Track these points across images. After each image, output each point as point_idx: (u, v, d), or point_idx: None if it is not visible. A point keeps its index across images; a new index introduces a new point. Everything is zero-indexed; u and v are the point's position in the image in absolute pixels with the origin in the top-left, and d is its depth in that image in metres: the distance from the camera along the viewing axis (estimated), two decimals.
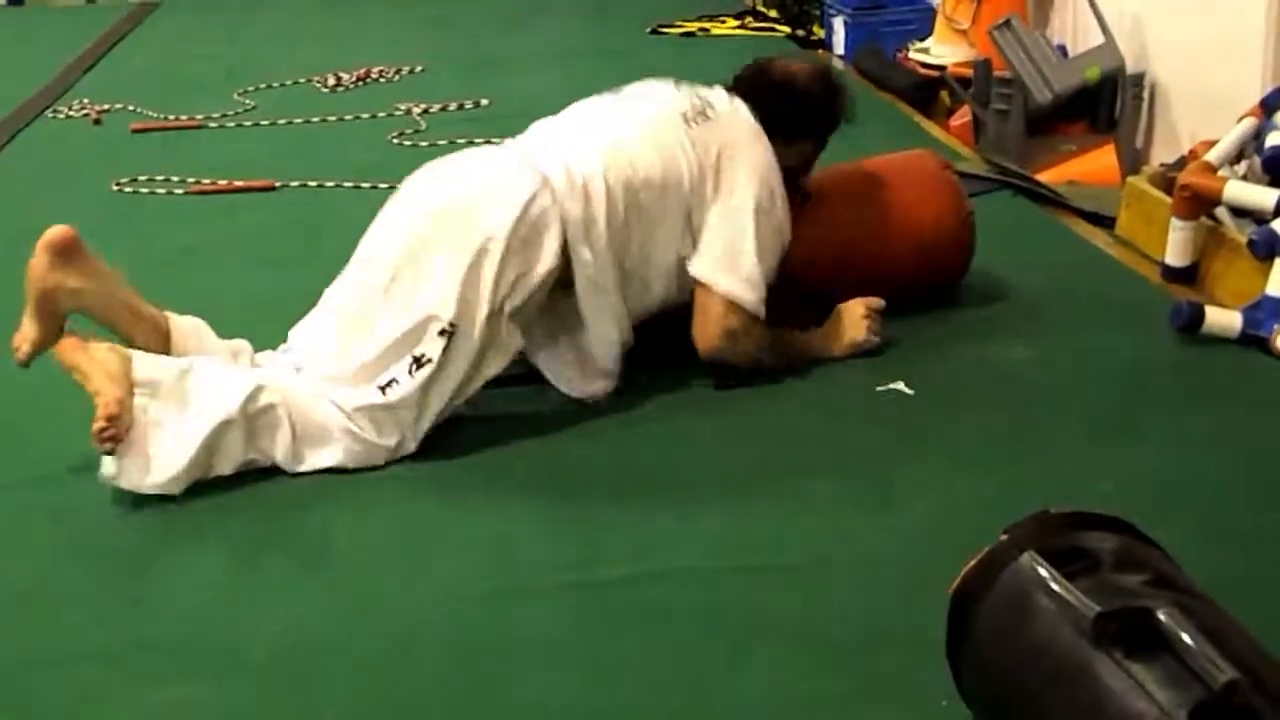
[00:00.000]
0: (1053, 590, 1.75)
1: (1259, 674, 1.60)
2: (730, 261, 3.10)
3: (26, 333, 2.95)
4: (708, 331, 3.11)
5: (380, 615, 2.36)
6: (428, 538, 2.61)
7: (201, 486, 2.78)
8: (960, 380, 3.17)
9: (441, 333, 2.85)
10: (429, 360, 2.84)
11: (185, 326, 3.06)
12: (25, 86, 6.47)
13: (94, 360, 2.78)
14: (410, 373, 2.85)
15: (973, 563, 1.89)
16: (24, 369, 2.96)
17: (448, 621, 2.33)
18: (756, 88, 3.34)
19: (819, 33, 7.00)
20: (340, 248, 3.26)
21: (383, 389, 2.85)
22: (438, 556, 2.54)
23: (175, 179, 4.88)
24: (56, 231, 2.99)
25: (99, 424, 2.67)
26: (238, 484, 2.80)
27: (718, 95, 3.28)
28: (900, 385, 3.11)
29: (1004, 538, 1.89)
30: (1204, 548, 2.27)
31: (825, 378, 3.19)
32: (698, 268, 3.12)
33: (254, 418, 2.80)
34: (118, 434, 2.69)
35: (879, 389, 3.11)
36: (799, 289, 3.35)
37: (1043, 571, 1.78)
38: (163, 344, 2.99)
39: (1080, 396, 3.09)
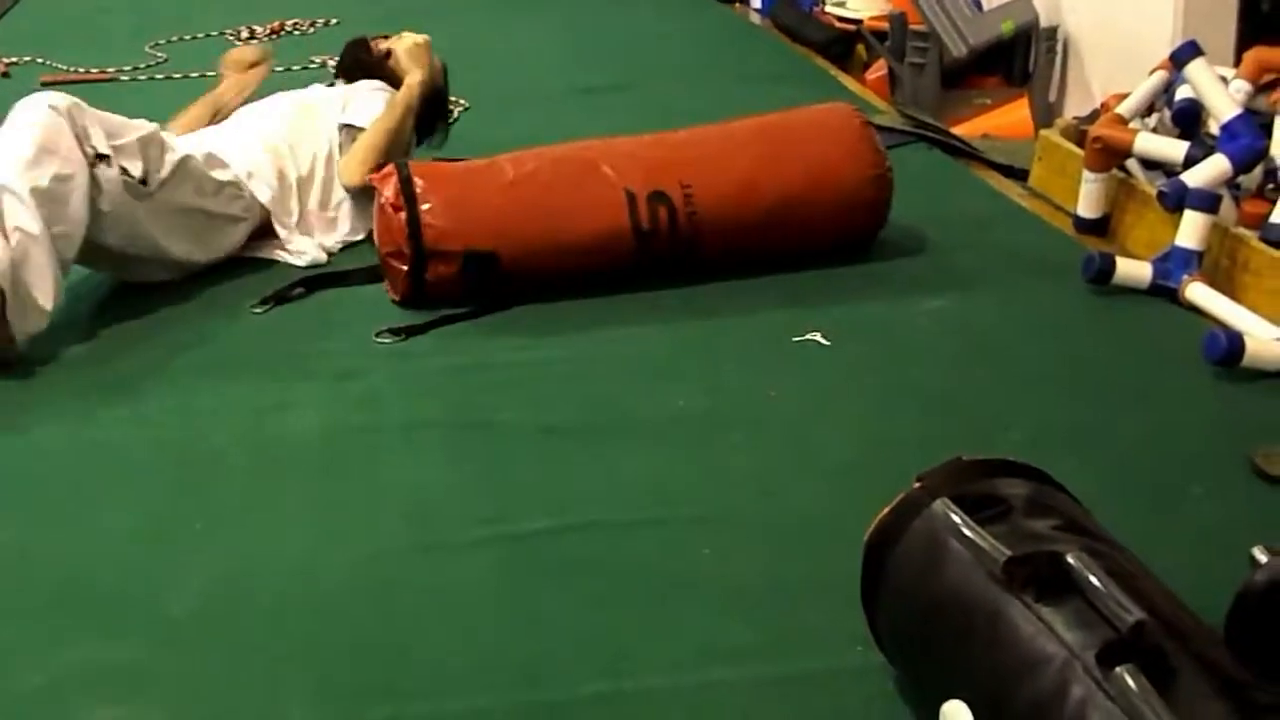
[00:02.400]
0: (965, 535, 1.77)
1: (1166, 616, 1.63)
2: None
3: None
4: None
5: (297, 570, 2.35)
6: (345, 490, 2.60)
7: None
8: (876, 332, 3.19)
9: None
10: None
11: None
12: None
13: None
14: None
15: (887, 509, 1.91)
16: None
17: (366, 576, 2.32)
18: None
19: None
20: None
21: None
22: (354, 509, 2.53)
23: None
24: None
25: None
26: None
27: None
28: (817, 336, 3.13)
29: (917, 485, 1.91)
30: (1113, 496, 2.30)
31: (742, 328, 3.21)
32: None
33: None
34: None
35: (795, 340, 3.12)
36: (716, 246, 3.37)
37: (955, 517, 1.80)
38: None
39: (994, 347, 3.12)
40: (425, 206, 3.27)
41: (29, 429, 2.84)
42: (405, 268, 3.28)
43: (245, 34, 6.31)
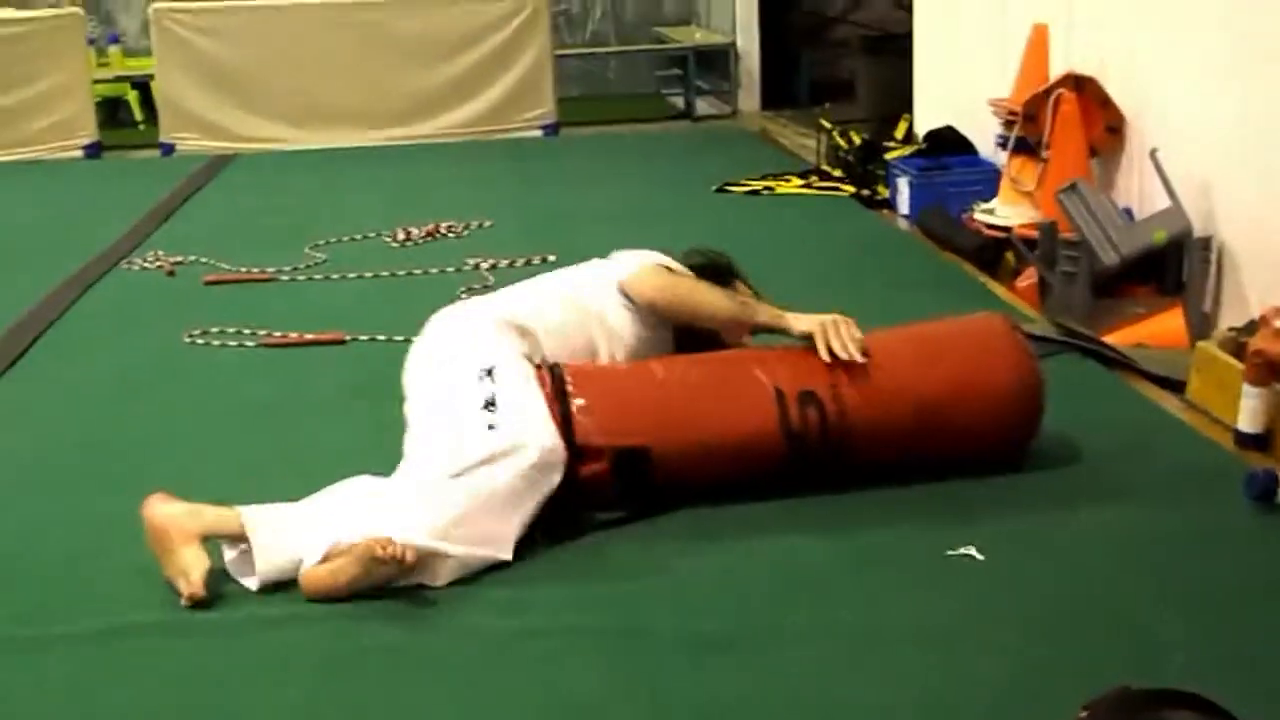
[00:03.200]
0: None
1: None
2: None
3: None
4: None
5: None
6: (494, 694, 2.59)
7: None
8: (1031, 546, 3.14)
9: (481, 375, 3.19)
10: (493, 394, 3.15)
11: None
12: (101, 238, 6.60)
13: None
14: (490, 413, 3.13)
15: None
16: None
17: None
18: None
19: (883, 192, 7.05)
20: None
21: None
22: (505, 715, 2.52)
23: (247, 331, 4.94)
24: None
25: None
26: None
27: None
28: (971, 550, 3.08)
29: (1084, 714, 1.85)
30: None
31: (896, 537, 3.17)
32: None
33: None
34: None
35: (949, 553, 3.08)
36: (866, 450, 3.36)
37: None
38: None
39: (1154, 565, 3.05)
40: (578, 403, 3.27)
41: None
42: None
43: (402, 235, 6.47)
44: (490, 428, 3.09)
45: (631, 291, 3.51)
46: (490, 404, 3.13)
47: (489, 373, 3.19)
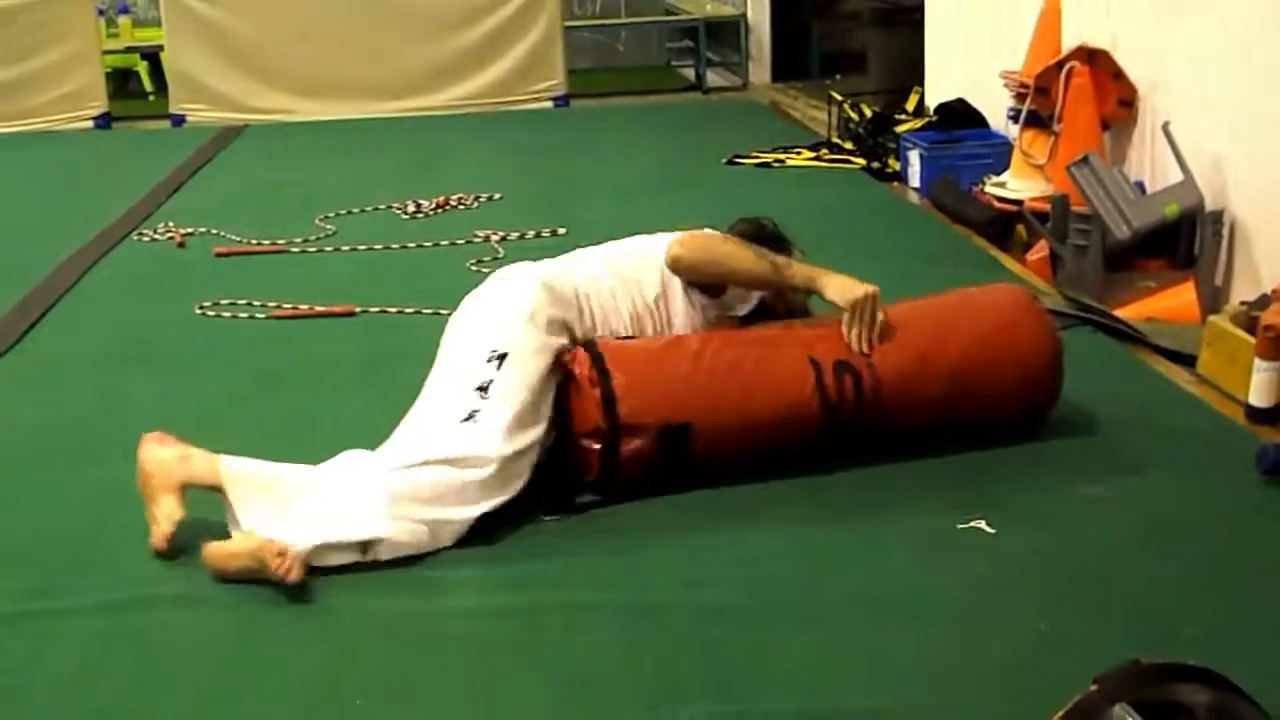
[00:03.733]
0: None
1: None
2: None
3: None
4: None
5: None
6: (507, 669, 2.60)
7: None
8: (1042, 519, 3.14)
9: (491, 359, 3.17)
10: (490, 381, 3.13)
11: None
12: (112, 209, 6.60)
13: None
14: (481, 397, 3.12)
15: (1062, 712, 1.86)
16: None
17: None
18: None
19: (894, 165, 7.03)
20: (419, 373, 3.29)
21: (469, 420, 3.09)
22: (516, 688, 2.52)
23: (257, 303, 4.94)
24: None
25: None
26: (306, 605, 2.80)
27: None
28: (982, 524, 3.08)
29: (1094, 687, 1.85)
30: None
31: (907, 512, 3.17)
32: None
33: None
34: None
35: (960, 526, 3.08)
36: (898, 418, 3.38)
37: None
38: None
39: (1165, 538, 3.05)
40: (618, 380, 3.24)
41: None
42: (599, 446, 3.23)
43: (412, 208, 6.46)
44: (470, 417, 3.10)
45: (669, 255, 3.44)
46: (483, 389, 3.14)
47: (501, 358, 3.18)
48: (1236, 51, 4.76)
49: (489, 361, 3.17)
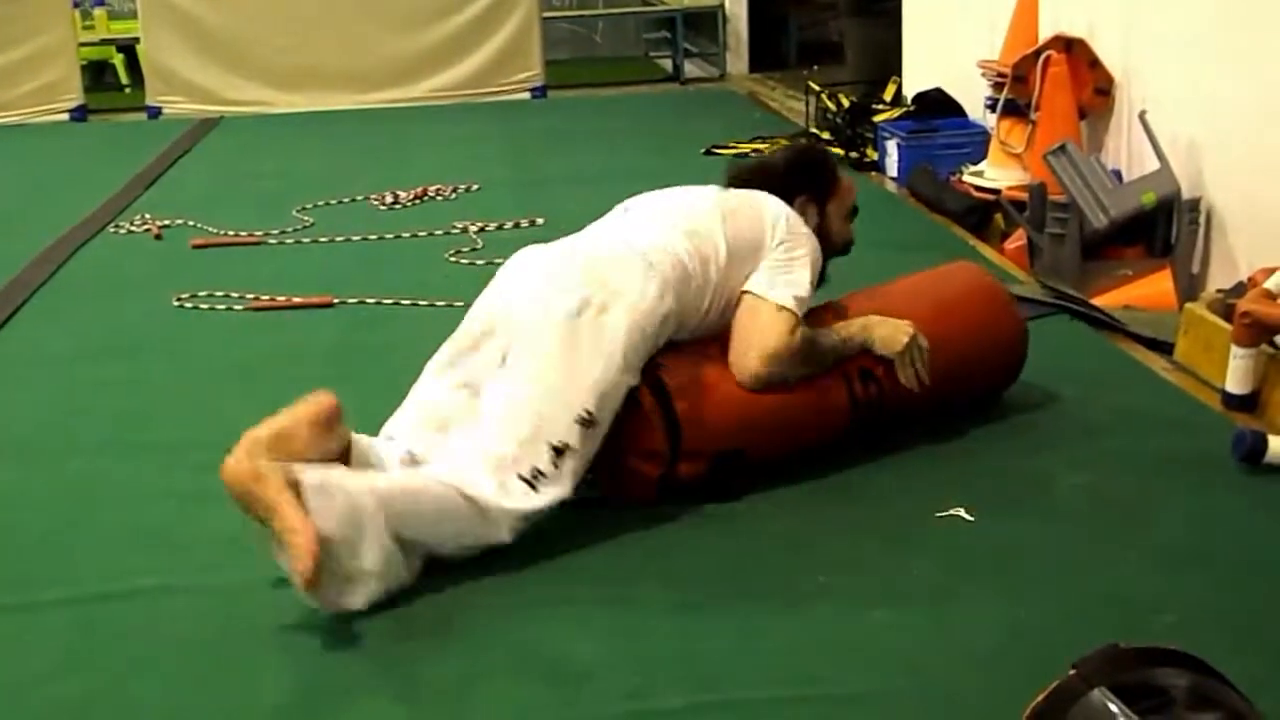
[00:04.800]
0: None
1: None
2: (782, 280, 3.28)
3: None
4: (753, 343, 3.21)
5: None
6: (487, 658, 2.60)
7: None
8: (1020, 506, 3.15)
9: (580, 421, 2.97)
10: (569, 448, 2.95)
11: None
12: (88, 201, 6.57)
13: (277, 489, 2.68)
14: (554, 464, 2.94)
15: (1041, 696, 1.87)
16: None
17: None
18: (752, 180, 3.56)
19: (872, 155, 7.04)
20: (399, 364, 3.29)
21: (529, 482, 2.90)
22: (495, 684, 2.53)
23: (235, 294, 4.93)
24: (325, 403, 2.90)
25: (303, 571, 2.60)
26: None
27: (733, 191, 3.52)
28: (960, 512, 3.09)
29: (1073, 672, 1.86)
30: (1275, 686, 2.22)
31: (886, 501, 3.18)
32: (751, 285, 3.27)
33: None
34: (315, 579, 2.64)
35: (939, 515, 3.09)
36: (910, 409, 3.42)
37: (1114, 708, 1.76)
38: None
39: (1143, 525, 3.05)
40: (680, 407, 3.17)
41: None
42: (658, 471, 3.16)
43: (390, 199, 6.45)
44: (532, 480, 2.90)
45: (749, 373, 3.20)
46: (559, 453, 2.94)
47: (588, 424, 2.98)
48: (1212, 40, 4.77)
49: (577, 422, 2.97)
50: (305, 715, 2.46)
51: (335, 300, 4.83)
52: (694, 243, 3.27)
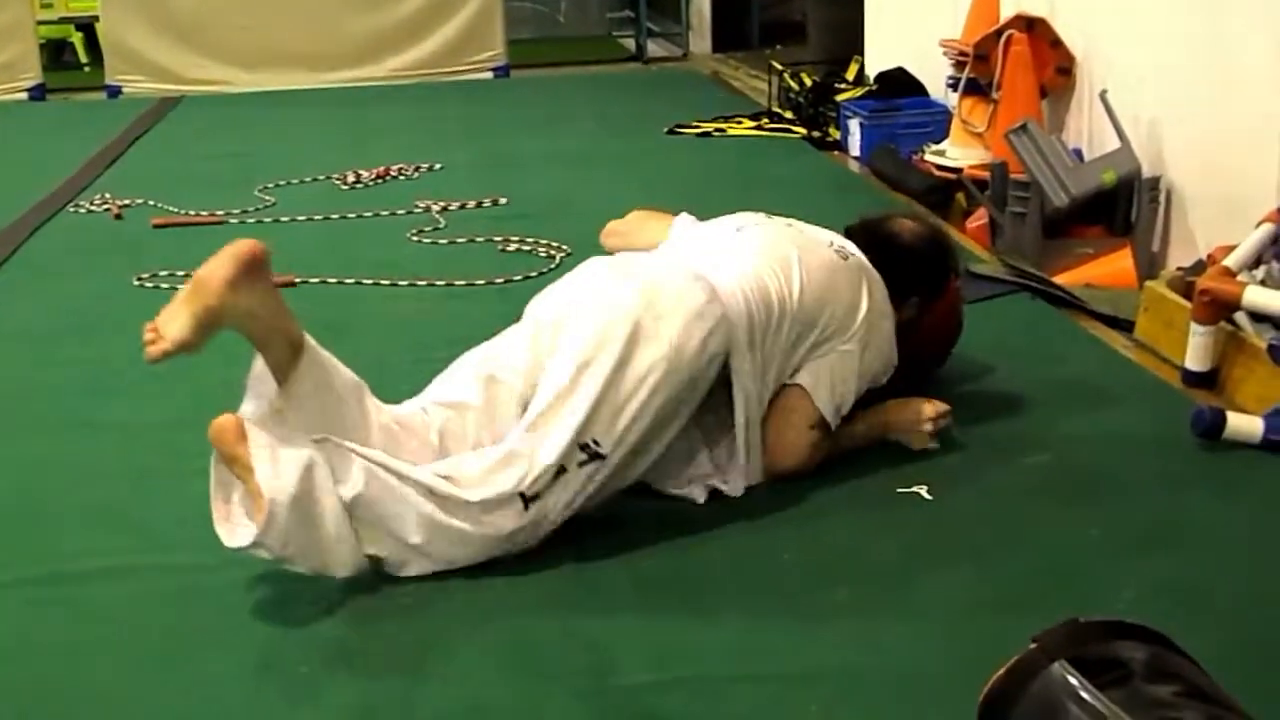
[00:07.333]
0: (1084, 700, 1.73)
1: None
2: (832, 386, 3.15)
3: (175, 331, 2.69)
4: (789, 440, 3.13)
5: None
6: (443, 636, 2.59)
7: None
8: (981, 484, 3.16)
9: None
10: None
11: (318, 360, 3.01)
12: (47, 181, 6.52)
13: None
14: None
15: (1002, 670, 1.87)
16: (151, 364, 2.75)
17: None
18: (871, 246, 3.40)
19: (835, 134, 7.04)
20: (362, 343, 3.27)
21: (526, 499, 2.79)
22: (452, 655, 2.52)
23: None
24: (247, 246, 2.81)
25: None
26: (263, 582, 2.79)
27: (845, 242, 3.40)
28: (921, 490, 3.10)
29: (1033, 645, 1.86)
30: (1232, 660, 2.23)
31: (846, 478, 3.18)
32: (803, 377, 3.14)
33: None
34: None
35: (899, 491, 3.09)
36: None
37: (1074, 680, 1.76)
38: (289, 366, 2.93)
39: (1101, 502, 3.07)
40: None
41: None
42: None
43: (352, 178, 6.42)
44: (525, 507, 2.79)
45: (779, 469, 3.14)
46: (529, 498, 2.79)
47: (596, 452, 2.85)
48: (1172, 20, 4.79)
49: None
50: (264, 697, 2.44)
51: (298, 280, 4.80)
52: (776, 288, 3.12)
